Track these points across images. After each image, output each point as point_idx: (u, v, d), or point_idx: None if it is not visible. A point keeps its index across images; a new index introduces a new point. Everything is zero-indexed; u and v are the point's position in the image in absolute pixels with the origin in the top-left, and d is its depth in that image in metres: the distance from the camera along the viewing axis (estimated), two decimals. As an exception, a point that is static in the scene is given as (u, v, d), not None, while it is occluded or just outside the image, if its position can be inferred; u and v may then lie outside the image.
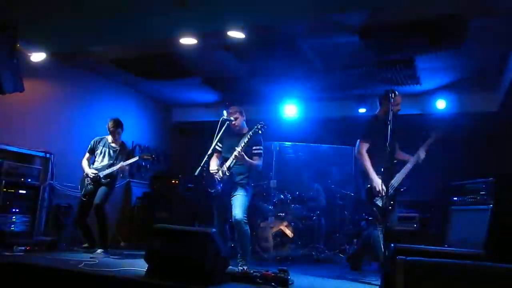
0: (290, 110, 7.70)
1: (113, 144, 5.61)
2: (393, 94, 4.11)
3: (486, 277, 2.17)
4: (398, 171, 4.27)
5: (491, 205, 5.20)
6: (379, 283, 3.82)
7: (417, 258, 2.37)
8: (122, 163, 5.38)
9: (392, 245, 3.11)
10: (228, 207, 4.56)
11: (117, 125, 5.58)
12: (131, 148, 5.78)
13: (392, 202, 4.10)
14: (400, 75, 6.13)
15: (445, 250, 3.07)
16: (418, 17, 4.58)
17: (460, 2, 4.26)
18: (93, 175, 5.39)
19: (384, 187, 3.91)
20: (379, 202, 4.07)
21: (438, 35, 4.95)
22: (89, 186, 5.44)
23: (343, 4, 4.18)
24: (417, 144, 4.35)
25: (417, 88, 6.63)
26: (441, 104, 6.74)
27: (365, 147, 4.32)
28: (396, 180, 4.20)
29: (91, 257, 4.70)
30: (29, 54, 5.53)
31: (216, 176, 4.58)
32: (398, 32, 4.92)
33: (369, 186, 4.23)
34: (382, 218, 3.99)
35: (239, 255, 4.50)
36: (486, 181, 5.43)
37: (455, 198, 5.62)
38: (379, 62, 5.84)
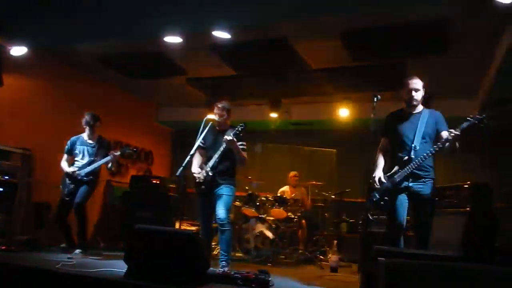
0: (275, 112, 7.72)
1: (90, 141, 5.51)
2: (376, 98, 4.07)
3: (464, 277, 2.21)
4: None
5: (468, 208, 5.35)
6: (360, 285, 3.86)
7: (399, 259, 2.40)
8: (101, 161, 5.31)
9: (373, 246, 3.15)
10: (214, 207, 4.52)
11: (96, 119, 5.48)
12: (109, 143, 5.67)
13: (386, 198, 3.74)
14: (385, 79, 6.21)
15: (424, 252, 3.12)
16: (403, 22, 4.66)
17: (445, 7, 4.35)
18: (73, 173, 5.29)
19: (378, 181, 3.77)
20: (374, 197, 3.81)
21: (422, 40, 5.05)
22: (71, 186, 5.34)
23: (329, 7, 4.22)
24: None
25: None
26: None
27: (382, 143, 4.05)
28: (399, 175, 3.71)
29: (68, 257, 4.61)
30: (9, 47, 5.41)
31: (199, 177, 4.54)
32: (383, 36, 5.01)
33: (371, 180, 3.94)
34: (373, 213, 3.93)
35: (220, 256, 4.48)
36: (464, 185, 5.58)
37: (434, 202, 5.73)
38: (365, 65, 5.92)
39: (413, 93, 3.78)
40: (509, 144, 6.91)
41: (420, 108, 3.86)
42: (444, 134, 3.61)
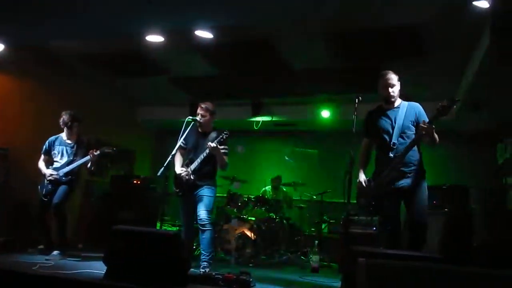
0: (257, 115, 7.72)
1: (68, 141, 5.41)
2: (358, 99, 4.04)
3: (445, 278, 2.25)
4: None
5: (446, 210, 5.46)
6: (339, 285, 3.88)
7: (379, 260, 2.43)
8: (80, 161, 5.22)
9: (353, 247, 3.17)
10: (195, 208, 4.50)
11: (74, 119, 5.38)
12: (88, 143, 5.56)
13: (373, 203, 3.65)
14: (368, 80, 6.27)
15: (404, 253, 3.15)
16: (382, 26, 4.72)
17: (423, 13, 4.42)
18: (52, 177, 5.20)
19: (363, 184, 3.70)
20: (362, 202, 3.74)
21: (401, 44, 5.13)
22: (49, 186, 5.24)
23: (312, 9, 4.24)
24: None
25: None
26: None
27: (364, 142, 3.96)
28: (382, 176, 3.61)
29: (46, 259, 4.53)
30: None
31: (182, 177, 4.52)
32: (363, 39, 5.06)
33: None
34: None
35: (201, 257, 4.46)
36: (442, 187, 5.70)
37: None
38: (348, 66, 5.97)
39: (389, 89, 3.69)
40: (483, 145, 7.12)
41: (398, 102, 3.77)
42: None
